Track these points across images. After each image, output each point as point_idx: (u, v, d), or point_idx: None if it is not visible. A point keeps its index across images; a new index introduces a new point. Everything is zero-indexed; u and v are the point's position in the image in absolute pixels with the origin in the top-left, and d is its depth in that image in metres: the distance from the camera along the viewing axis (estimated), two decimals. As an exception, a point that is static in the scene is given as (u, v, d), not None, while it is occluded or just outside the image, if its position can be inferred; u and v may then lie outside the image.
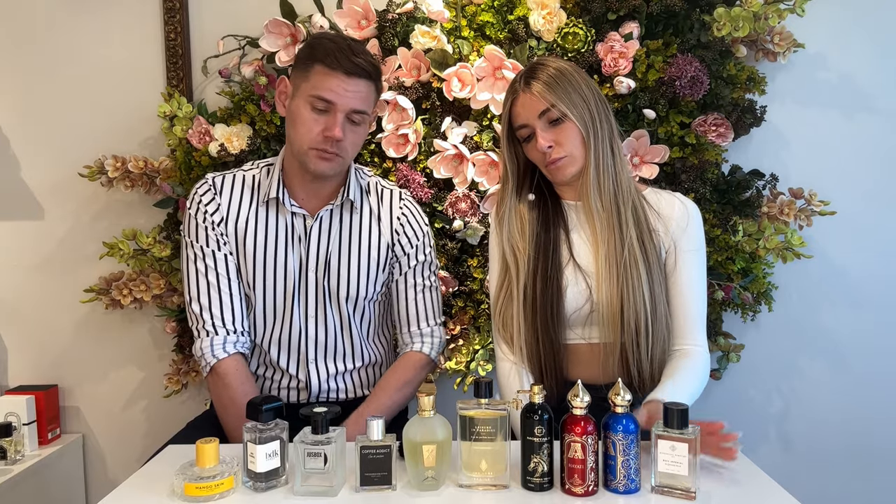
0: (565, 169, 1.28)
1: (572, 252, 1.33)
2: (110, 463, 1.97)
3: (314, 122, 1.33)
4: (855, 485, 1.87)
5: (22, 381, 1.94)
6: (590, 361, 1.33)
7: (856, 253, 1.83)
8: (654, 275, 1.28)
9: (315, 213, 1.43)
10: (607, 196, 1.28)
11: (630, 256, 1.26)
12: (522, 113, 1.28)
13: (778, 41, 1.70)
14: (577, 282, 1.31)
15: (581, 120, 1.26)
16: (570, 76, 1.27)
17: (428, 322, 1.50)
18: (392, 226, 1.47)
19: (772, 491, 1.02)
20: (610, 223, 1.28)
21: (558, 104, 1.25)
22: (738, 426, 1.86)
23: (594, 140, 1.27)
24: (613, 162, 1.29)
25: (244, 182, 1.46)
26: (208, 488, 0.99)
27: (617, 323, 1.27)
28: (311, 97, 1.32)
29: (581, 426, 0.98)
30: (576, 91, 1.26)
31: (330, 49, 1.31)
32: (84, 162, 1.83)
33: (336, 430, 1.03)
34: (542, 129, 1.27)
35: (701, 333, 1.31)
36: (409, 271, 1.48)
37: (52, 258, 1.92)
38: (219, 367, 1.38)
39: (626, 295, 1.26)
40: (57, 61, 1.88)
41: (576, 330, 1.34)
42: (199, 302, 1.40)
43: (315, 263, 1.43)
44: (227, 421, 1.39)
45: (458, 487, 1.03)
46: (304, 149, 1.35)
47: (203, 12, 1.86)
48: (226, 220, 1.43)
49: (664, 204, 1.34)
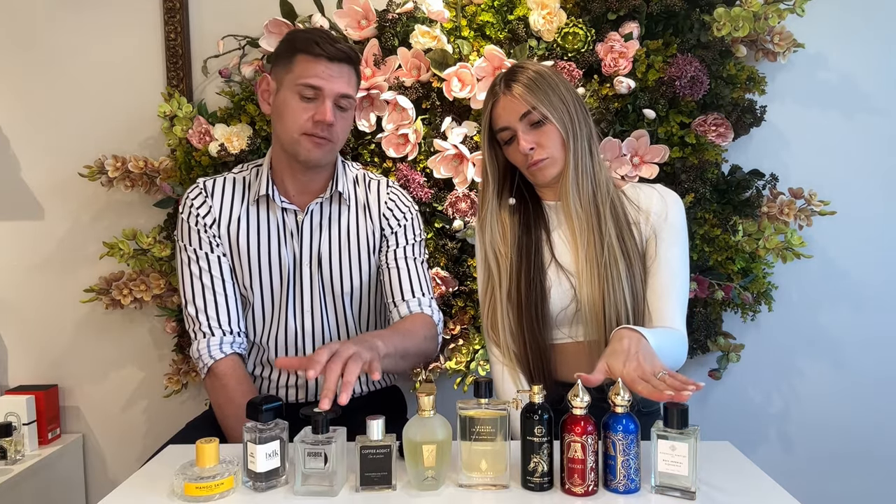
0: (546, 170, 1.30)
1: (554, 253, 1.34)
2: (110, 463, 1.97)
3: (303, 110, 1.34)
4: (855, 485, 1.87)
5: (22, 381, 1.94)
6: (577, 360, 1.33)
7: (856, 253, 1.83)
8: (635, 271, 1.29)
9: (305, 207, 1.44)
10: (586, 196, 1.30)
11: (610, 255, 1.27)
12: (503, 115, 1.30)
13: (778, 41, 1.70)
14: (561, 282, 1.32)
15: (561, 122, 1.28)
16: (550, 79, 1.29)
17: (423, 291, 1.44)
18: (381, 212, 1.48)
19: (772, 491, 1.02)
20: (589, 223, 1.29)
21: (539, 107, 1.26)
22: (738, 426, 1.86)
23: (573, 141, 1.29)
24: (592, 163, 1.31)
25: (234, 184, 1.47)
26: (208, 488, 0.99)
27: (600, 321, 1.28)
28: (298, 86, 1.33)
29: (581, 426, 0.98)
30: (555, 94, 1.28)
31: (310, 38, 1.34)
32: (84, 162, 1.83)
33: (337, 429, 1.03)
34: (524, 132, 1.28)
35: (681, 318, 1.27)
36: (396, 249, 1.47)
37: (52, 258, 1.92)
38: (216, 368, 1.38)
39: (608, 293, 1.27)
40: (57, 61, 1.88)
41: (563, 329, 1.34)
42: (195, 304, 1.41)
43: (308, 258, 1.43)
44: (226, 421, 1.39)
45: (458, 487, 1.03)
46: (296, 137, 1.35)
47: (203, 12, 1.86)
48: (218, 221, 1.44)
49: (643, 197, 1.35)
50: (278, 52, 1.40)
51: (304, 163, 1.38)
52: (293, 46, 1.35)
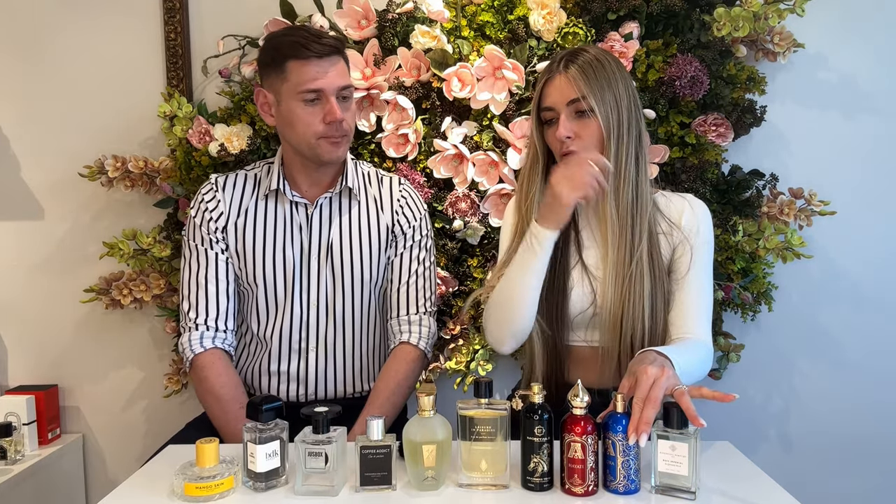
0: None
1: (581, 253, 1.32)
2: (110, 463, 1.97)
3: (311, 115, 1.36)
4: (855, 484, 1.87)
5: (22, 381, 1.94)
6: (589, 365, 1.32)
7: (856, 253, 1.83)
8: (658, 290, 1.27)
9: (314, 201, 1.46)
10: (624, 204, 1.26)
11: (637, 270, 1.25)
12: (552, 95, 1.26)
13: (778, 41, 1.70)
14: (584, 284, 1.30)
15: (606, 119, 1.23)
16: (611, 72, 1.25)
17: (417, 308, 1.50)
18: (392, 207, 1.51)
19: (772, 491, 1.02)
20: (623, 231, 1.26)
21: (589, 97, 1.22)
22: (738, 426, 1.86)
23: (616, 143, 1.24)
24: (637, 171, 1.26)
25: (246, 179, 1.51)
26: (208, 488, 0.99)
27: (616, 330, 1.26)
28: (299, 94, 1.35)
29: (581, 426, 0.98)
30: (610, 89, 1.24)
31: (295, 42, 1.34)
32: (84, 162, 1.83)
33: (337, 429, 1.03)
34: (567, 118, 1.25)
35: (707, 330, 1.28)
36: (404, 252, 1.50)
37: (52, 258, 1.92)
38: (196, 361, 1.41)
39: (627, 306, 1.25)
40: (57, 61, 1.88)
41: (579, 332, 1.33)
42: (189, 300, 1.45)
43: (318, 249, 1.45)
44: (211, 415, 1.41)
45: (458, 487, 1.03)
46: (313, 142, 1.38)
47: (203, 12, 1.86)
48: (227, 214, 1.46)
49: (673, 208, 1.32)
50: (265, 61, 1.40)
51: (326, 163, 1.42)
52: (280, 54, 1.35)
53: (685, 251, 1.29)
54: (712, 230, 1.34)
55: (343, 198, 1.48)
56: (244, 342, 1.53)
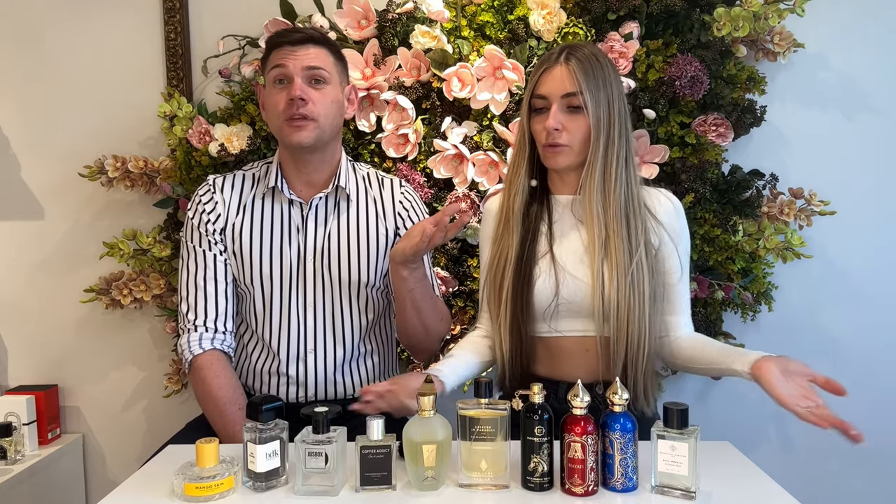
0: (560, 157, 1.27)
1: (552, 245, 1.32)
2: (110, 463, 1.97)
3: (279, 96, 1.39)
4: (855, 484, 1.87)
5: (22, 381, 1.94)
6: (557, 356, 1.33)
7: (856, 253, 1.83)
8: (657, 288, 1.30)
9: (309, 201, 1.46)
10: (615, 204, 1.27)
11: (638, 272, 1.26)
12: (549, 84, 1.26)
13: (778, 41, 1.70)
14: (550, 275, 1.30)
15: (595, 117, 1.25)
16: (607, 73, 1.27)
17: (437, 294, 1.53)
18: (395, 210, 1.51)
19: (772, 491, 1.02)
20: (619, 233, 1.26)
21: (585, 94, 1.23)
22: (738, 426, 1.86)
23: (605, 143, 1.26)
24: (627, 174, 1.28)
25: (244, 179, 1.51)
26: (208, 488, 0.99)
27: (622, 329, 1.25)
28: (269, 75, 1.40)
29: (581, 426, 0.98)
30: (605, 89, 1.26)
31: (278, 32, 1.43)
32: (84, 162, 1.83)
33: (337, 429, 1.03)
34: (558, 109, 1.25)
35: (689, 315, 1.38)
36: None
37: (52, 258, 1.92)
38: (195, 362, 1.41)
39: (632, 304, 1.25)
40: (57, 61, 1.88)
41: (544, 323, 1.32)
42: (187, 301, 1.45)
43: (313, 251, 1.45)
44: (209, 416, 1.41)
45: (458, 487, 1.03)
46: (279, 125, 1.40)
47: (203, 12, 1.86)
48: (225, 215, 1.47)
49: (655, 203, 1.35)
50: (261, 58, 1.47)
51: (293, 149, 1.41)
52: (267, 47, 1.42)
53: (671, 251, 1.33)
54: (686, 221, 1.37)
55: (339, 198, 1.48)
56: (243, 343, 1.53)
